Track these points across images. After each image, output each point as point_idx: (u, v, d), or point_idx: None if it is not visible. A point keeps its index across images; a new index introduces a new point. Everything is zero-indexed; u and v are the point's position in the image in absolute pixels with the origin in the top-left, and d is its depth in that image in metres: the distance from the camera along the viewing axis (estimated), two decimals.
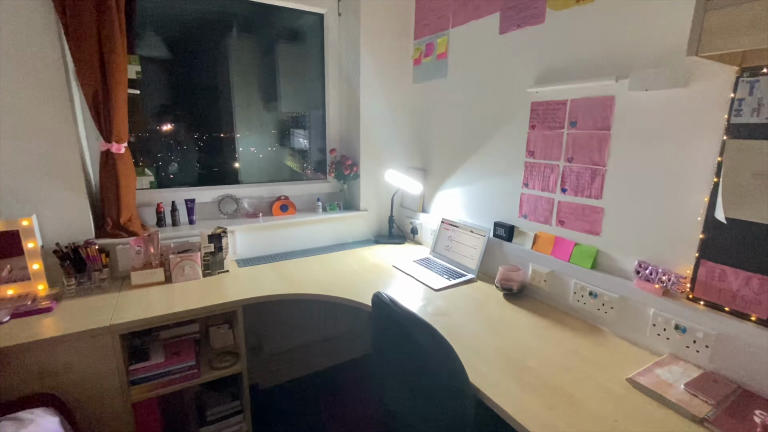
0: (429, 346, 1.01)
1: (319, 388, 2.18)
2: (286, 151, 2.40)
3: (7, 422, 1.09)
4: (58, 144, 1.56)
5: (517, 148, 1.65)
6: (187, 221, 1.96)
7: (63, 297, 1.51)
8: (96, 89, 1.54)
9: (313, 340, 2.30)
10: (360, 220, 2.36)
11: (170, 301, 1.50)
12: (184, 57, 1.99)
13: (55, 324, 1.31)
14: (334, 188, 2.42)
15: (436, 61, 2.07)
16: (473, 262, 1.80)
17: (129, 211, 1.72)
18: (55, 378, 1.26)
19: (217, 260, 1.79)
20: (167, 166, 2.05)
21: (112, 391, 1.35)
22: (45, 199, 1.57)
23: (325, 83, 2.31)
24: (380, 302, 1.17)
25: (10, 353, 1.19)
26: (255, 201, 2.18)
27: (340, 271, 1.85)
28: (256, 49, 2.19)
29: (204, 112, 2.10)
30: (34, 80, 1.48)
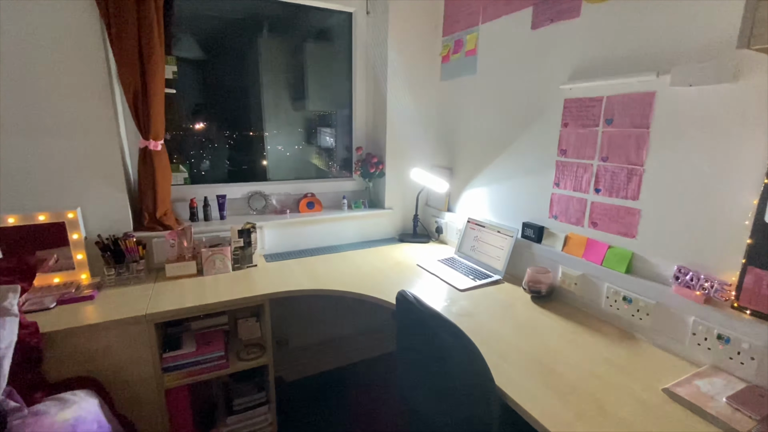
0: (453, 346, 1.00)
1: (342, 384, 2.21)
2: (313, 149, 2.44)
3: (52, 402, 1.16)
4: (101, 141, 1.64)
5: (548, 146, 1.60)
6: (218, 216, 2.02)
7: (103, 286, 1.60)
8: (136, 89, 1.61)
9: (336, 335, 2.33)
10: (385, 218, 2.37)
11: (201, 293, 1.55)
12: (216, 57, 2.05)
13: (96, 311, 1.39)
14: (359, 186, 2.43)
15: (464, 57, 2.04)
16: (500, 263, 1.76)
17: (164, 206, 1.79)
18: (95, 362, 1.34)
19: (246, 255, 1.84)
20: (200, 162, 2.12)
21: (146, 377, 1.42)
22: (88, 193, 1.67)
23: (352, 82, 2.33)
24: (405, 300, 1.17)
25: (56, 338, 1.26)
26: (282, 198, 2.23)
27: (364, 269, 1.86)
28: (286, 49, 2.23)
29: (235, 110, 2.16)
30: (81, 81, 1.56)
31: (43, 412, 1.11)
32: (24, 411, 1.10)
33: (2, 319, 1.09)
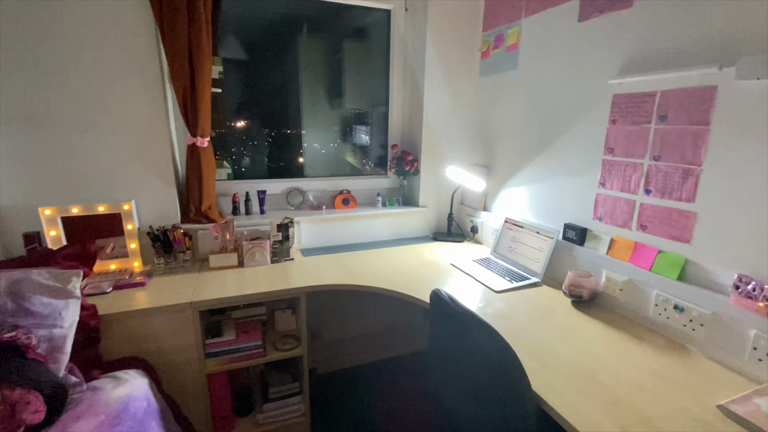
0: (489, 347, 0.98)
1: (373, 379, 2.23)
2: (348, 147, 2.47)
3: (107, 379, 1.26)
4: (153, 138, 1.75)
5: (594, 144, 1.53)
6: (259, 211, 2.10)
7: (153, 274, 1.70)
8: (185, 88, 1.70)
9: (369, 331, 2.35)
10: (418, 216, 2.36)
11: (242, 283, 1.62)
12: (258, 58, 2.12)
13: (147, 297, 1.48)
14: (393, 183, 2.44)
15: (505, 53, 1.98)
16: (538, 265, 1.70)
17: (209, 200, 1.88)
18: (145, 344, 1.43)
19: (283, 248, 1.90)
20: (242, 159, 2.21)
21: (190, 362, 1.50)
22: (142, 187, 1.78)
23: (389, 79, 2.33)
24: (439, 299, 1.16)
25: (112, 320, 1.36)
26: (319, 194, 2.27)
27: (397, 266, 1.86)
28: (324, 48, 2.26)
29: (275, 109, 2.23)
30: (137, 82, 1.67)
31: (99, 388, 1.20)
32: (83, 386, 1.20)
33: (66, 300, 1.19)
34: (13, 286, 1.11)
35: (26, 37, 1.50)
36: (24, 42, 1.50)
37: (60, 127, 1.61)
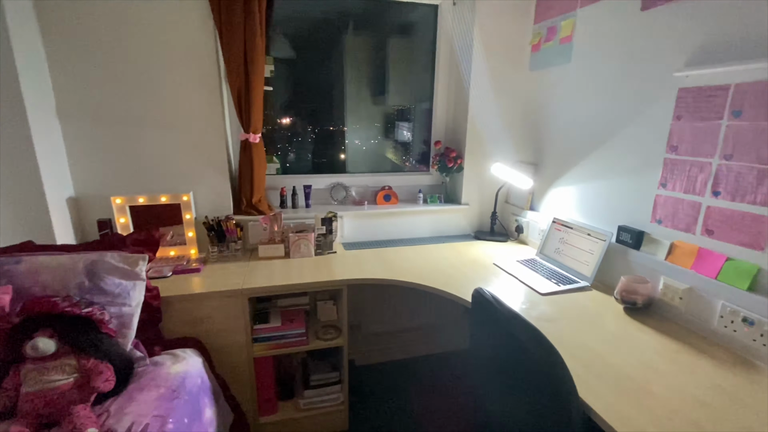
0: (533, 350, 0.96)
1: (410, 374, 2.24)
2: (390, 143, 2.48)
3: (167, 356, 1.37)
4: (210, 134, 1.86)
5: (655, 142, 1.43)
6: (304, 205, 2.17)
7: (208, 261, 1.82)
8: (240, 87, 1.79)
9: (407, 327, 2.36)
10: (460, 214, 2.32)
11: (288, 273, 1.69)
12: (305, 56, 2.18)
13: (202, 282, 1.59)
14: (435, 180, 2.42)
15: (558, 45, 1.90)
16: (588, 268, 1.63)
17: (259, 193, 1.98)
18: (200, 326, 1.54)
19: (327, 241, 1.95)
20: (289, 154, 2.29)
21: (239, 345, 1.59)
22: (199, 179, 1.90)
23: (434, 75, 2.31)
24: (481, 298, 1.14)
25: (171, 302, 1.48)
26: (361, 190, 2.31)
27: (438, 263, 1.85)
28: (369, 45, 2.29)
29: (320, 106, 2.29)
30: (197, 81, 1.79)
31: (160, 363, 1.31)
32: (146, 361, 1.31)
33: (134, 282, 1.31)
34: (91, 267, 1.24)
35: (100, 40, 1.65)
36: (97, 44, 1.65)
37: (129, 123, 1.76)
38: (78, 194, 1.77)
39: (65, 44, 1.61)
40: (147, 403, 1.11)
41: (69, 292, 1.19)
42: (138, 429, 1.03)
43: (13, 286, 1.14)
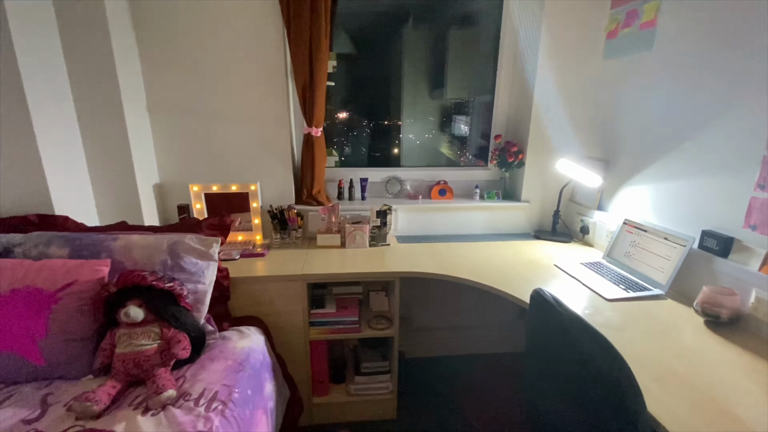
0: (597, 358, 0.90)
1: (460, 371, 2.22)
2: (445, 137, 2.45)
3: (234, 332, 1.49)
4: (276, 128, 1.97)
5: (753, 137, 1.26)
6: (360, 197, 2.22)
7: (271, 247, 1.94)
8: (305, 83, 1.87)
9: (458, 324, 2.33)
10: (519, 212, 2.23)
11: (343, 262, 1.75)
12: (365, 51, 2.22)
13: (266, 266, 1.70)
14: (494, 176, 2.35)
15: (638, 31, 1.74)
16: (663, 275, 1.49)
17: (319, 185, 2.06)
18: (262, 307, 1.65)
19: (381, 234, 1.98)
20: (347, 148, 2.36)
21: (297, 327, 1.68)
22: (265, 171, 2.03)
23: (497, 66, 2.22)
24: (541, 300, 1.09)
25: (239, 282, 1.60)
26: (416, 184, 2.31)
27: (493, 262, 1.80)
28: (428, 38, 2.27)
29: (377, 101, 2.33)
30: (266, 77, 1.89)
31: (228, 338, 1.43)
32: (216, 335, 1.44)
33: (208, 262, 1.43)
34: (173, 247, 1.38)
35: (184, 41, 1.80)
36: (182, 44, 1.81)
37: (206, 117, 1.92)
38: (162, 181, 1.97)
39: (154, 45, 1.79)
40: (217, 373, 1.22)
41: (154, 267, 1.34)
42: (209, 395, 1.13)
43: (111, 260, 1.31)
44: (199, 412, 1.07)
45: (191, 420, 1.04)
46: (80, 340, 1.20)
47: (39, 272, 1.21)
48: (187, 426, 1.02)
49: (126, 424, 1.02)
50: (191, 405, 1.09)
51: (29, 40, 1.39)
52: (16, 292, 1.17)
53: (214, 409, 1.09)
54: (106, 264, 1.28)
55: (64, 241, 1.32)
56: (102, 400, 1.06)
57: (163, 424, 1.03)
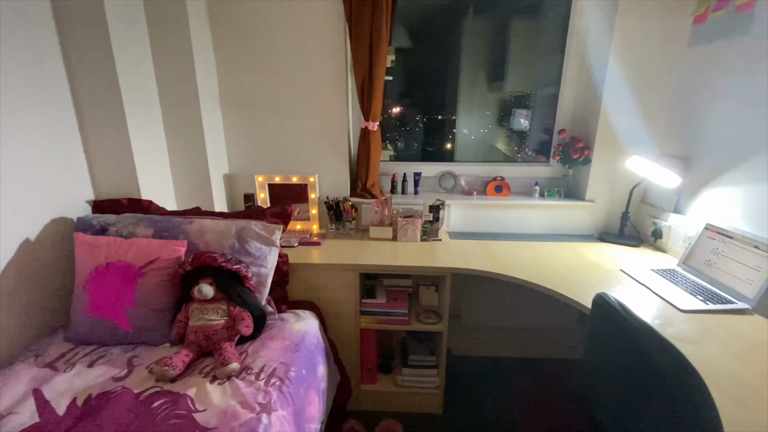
0: (668, 372, 0.84)
1: (509, 373, 2.16)
2: (503, 132, 2.37)
3: (291, 314, 1.58)
4: (335, 123, 2.04)
5: None
6: (413, 191, 2.23)
7: (326, 236, 2.01)
8: (364, 78, 1.90)
9: (510, 325, 2.26)
10: (583, 212, 2.10)
11: (395, 255, 1.77)
12: (422, 45, 2.21)
13: (321, 255, 1.77)
14: (556, 173, 2.23)
15: (732, 15, 1.55)
16: (751, 288, 1.33)
17: (373, 178, 2.10)
18: (317, 293, 1.73)
19: (433, 229, 1.98)
20: (401, 142, 2.37)
21: (349, 314, 1.74)
22: (323, 163, 2.10)
23: (564, 57, 2.10)
24: (606, 305, 1.03)
25: (297, 268, 1.69)
26: (471, 179, 2.26)
27: (552, 263, 1.72)
28: (489, 29, 2.20)
29: (432, 95, 2.31)
30: (328, 73, 1.96)
31: (285, 320, 1.52)
32: (275, 316, 1.53)
33: (270, 248, 1.53)
34: (240, 232, 1.49)
35: (254, 39, 1.92)
36: (252, 42, 1.92)
37: (271, 112, 2.03)
38: (231, 171, 2.13)
39: (228, 46, 1.93)
40: (276, 351, 1.31)
41: (223, 250, 1.45)
42: (268, 371, 1.22)
43: (187, 242, 1.44)
44: (259, 385, 1.15)
45: (252, 392, 1.12)
46: (160, 311, 1.35)
47: (128, 249, 1.37)
48: (248, 397, 1.10)
49: (197, 390, 1.13)
50: (252, 378, 1.18)
51: (125, 43, 1.56)
52: (111, 266, 1.34)
53: (273, 384, 1.17)
54: (183, 245, 1.41)
55: (149, 222, 1.48)
56: (177, 366, 1.19)
57: (228, 393, 1.12)
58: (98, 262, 1.35)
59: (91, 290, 1.33)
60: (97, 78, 1.51)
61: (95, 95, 1.53)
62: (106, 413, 1.03)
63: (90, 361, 1.25)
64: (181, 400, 1.08)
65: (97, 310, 1.32)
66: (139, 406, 1.07)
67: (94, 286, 1.33)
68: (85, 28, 1.46)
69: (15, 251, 1.32)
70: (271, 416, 1.06)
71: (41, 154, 1.40)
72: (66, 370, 1.20)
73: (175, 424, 1.01)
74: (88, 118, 1.55)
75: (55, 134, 1.46)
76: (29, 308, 1.37)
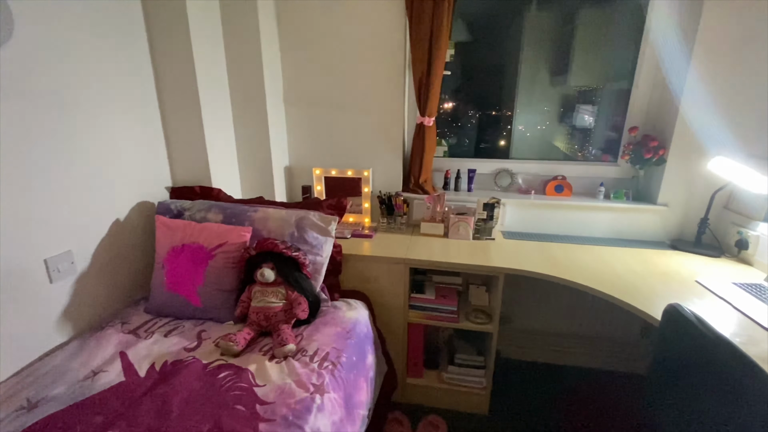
0: (753, 394, 0.76)
1: (561, 382, 2.06)
2: (564, 129, 2.24)
3: (343, 303, 1.63)
4: (391, 118, 2.06)
5: None
6: (466, 188, 2.19)
7: (378, 230, 2.05)
8: (422, 73, 1.90)
9: (565, 332, 2.16)
10: (654, 216, 1.94)
11: (445, 251, 1.76)
12: (481, 38, 2.15)
13: (373, 247, 1.81)
14: (624, 174, 2.08)
15: None
16: None
17: (426, 174, 2.09)
18: (367, 284, 1.77)
19: (486, 227, 1.94)
20: (455, 138, 2.34)
21: (398, 308, 1.76)
22: (377, 158, 2.14)
23: (640, 47, 1.93)
24: (679, 317, 0.95)
25: (349, 259, 1.74)
26: (529, 178, 2.18)
27: (617, 269, 1.61)
28: (553, 20, 2.10)
29: (490, 90, 2.25)
30: (386, 70, 1.98)
31: (338, 307, 1.57)
32: (328, 303, 1.59)
33: (326, 238, 1.59)
34: (299, 221, 1.56)
35: (317, 37, 1.99)
36: (315, 41, 1.99)
37: (329, 107, 2.09)
38: (291, 164, 2.23)
39: (293, 45, 2.02)
40: (329, 336, 1.36)
41: (284, 237, 1.53)
42: (321, 354, 1.27)
43: (252, 228, 1.54)
44: (313, 367, 1.21)
45: (307, 373, 1.18)
46: (226, 291, 1.46)
47: (201, 232, 1.49)
48: (303, 377, 1.16)
49: (257, 366, 1.21)
50: (307, 360, 1.24)
51: (203, 48, 1.69)
52: (186, 246, 1.47)
53: (325, 368, 1.22)
54: (248, 231, 1.51)
55: (219, 209, 1.61)
56: (240, 342, 1.28)
57: (284, 371, 1.19)
58: (175, 242, 1.48)
59: (168, 268, 1.47)
60: (179, 82, 1.66)
61: (177, 97, 1.69)
62: (179, 379, 1.14)
63: (166, 331, 1.39)
64: (243, 374, 1.17)
65: (173, 286, 1.46)
66: (206, 376, 1.17)
67: (171, 265, 1.47)
68: (170, 40, 1.62)
69: (107, 230, 1.49)
70: (323, 397, 1.11)
71: (132, 147, 1.57)
72: (146, 338, 1.35)
73: (238, 395, 1.09)
74: (171, 116, 1.72)
75: (143, 130, 1.63)
76: (117, 281, 1.55)
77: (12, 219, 1.16)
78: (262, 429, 0.99)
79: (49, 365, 1.20)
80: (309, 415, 1.04)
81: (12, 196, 1.16)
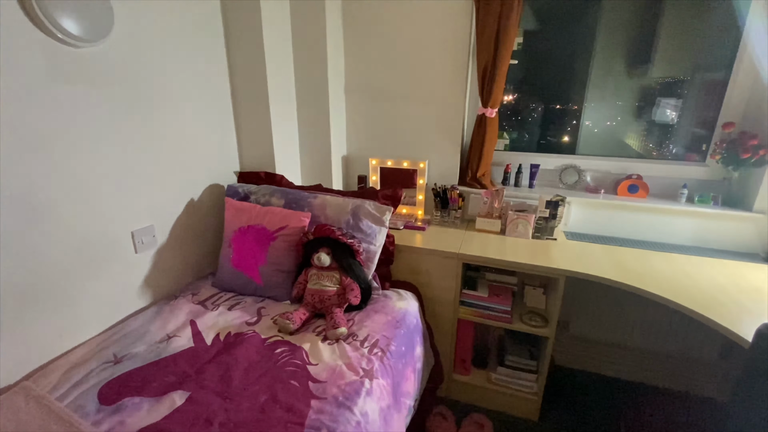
0: None
1: (621, 396, 1.91)
2: (639, 124, 2.04)
3: (393, 292, 1.64)
4: (449, 109, 2.01)
5: None
6: (527, 184, 2.09)
7: (431, 223, 2.03)
8: (487, 61, 1.83)
9: (630, 344, 1.99)
10: (747, 224, 1.72)
11: (501, 249, 1.70)
12: (551, 25, 2.02)
13: (425, 240, 1.80)
14: (713, 175, 1.85)
15: None
16: None
17: (485, 167, 2.02)
18: (418, 276, 1.76)
19: (548, 226, 1.83)
20: (518, 131, 2.23)
21: (448, 302, 1.74)
22: (434, 150, 2.11)
23: (741, 32, 1.70)
24: None
25: (402, 250, 1.74)
26: (599, 175, 2.02)
27: (698, 281, 1.45)
28: (634, 7, 1.90)
29: (558, 81, 2.11)
30: (449, 62, 1.94)
31: (389, 296, 1.59)
32: (379, 291, 1.61)
33: (380, 227, 1.60)
34: (355, 210, 1.59)
35: (380, 29, 1.99)
36: (378, 33, 2.00)
37: (389, 98, 2.10)
38: (348, 154, 2.28)
39: (357, 37, 2.04)
40: (379, 324, 1.38)
41: (340, 224, 1.57)
42: (371, 340, 1.30)
43: (311, 214, 1.60)
44: (363, 352, 1.24)
45: (357, 357, 1.21)
46: (285, 272, 1.53)
47: (265, 215, 1.58)
48: (353, 360, 1.19)
49: (310, 345, 1.26)
50: (357, 345, 1.27)
51: (273, 43, 1.76)
52: (251, 227, 1.56)
53: (375, 354, 1.24)
54: (308, 216, 1.57)
55: (281, 194, 1.69)
56: (296, 321, 1.34)
57: (336, 353, 1.23)
58: (241, 223, 1.58)
59: (234, 247, 1.57)
60: (251, 73, 1.76)
61: (248, 87, 1.79)
62: (240, 350, 1.23)
63: (230, 305, 1.49)
64: (297, 352, 1.22)
65: (238, 263, 1.56)
66: (264, 350, 1.24)
67: (237, 244, 1.57)
68: (244, 34, 1.71)
69: (183, 208, 1.63)
70: (372, 382, 1.13)
71: (206, 133, 1.70)
72: (213, 309, 1.46)
73: (292, 371, 1.15)
74: (241, 105, 1.83)
75: (217, 119, 1.75)
76: (189, 256, 1.69)
77: (107, 196, 1.31)
78: (314, 405, 1.03)
79: (132, 326, 1.35)
80: (358, 397, 1.07)
81: (108, 176, 1.30)
